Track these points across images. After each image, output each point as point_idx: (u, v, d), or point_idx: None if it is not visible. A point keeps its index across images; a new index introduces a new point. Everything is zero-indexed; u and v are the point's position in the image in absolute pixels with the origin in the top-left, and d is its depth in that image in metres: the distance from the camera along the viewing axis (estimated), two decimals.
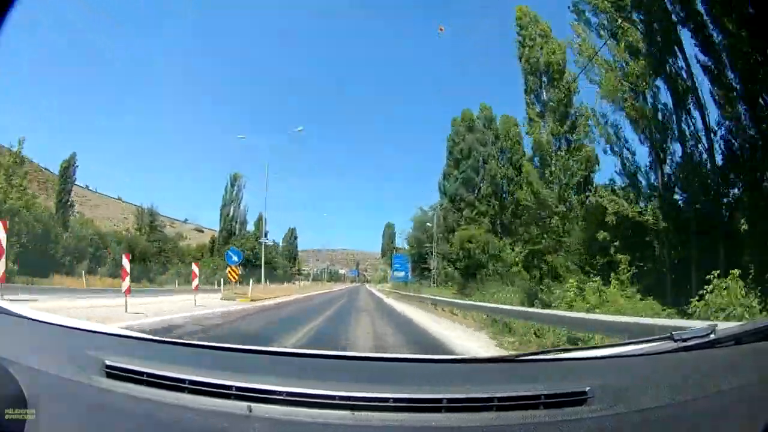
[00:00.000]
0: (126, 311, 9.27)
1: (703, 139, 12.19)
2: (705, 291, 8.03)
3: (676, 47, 12.18)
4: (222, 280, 22.60)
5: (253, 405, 1.25)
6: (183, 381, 1.34)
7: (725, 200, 11.85)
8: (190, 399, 1.30)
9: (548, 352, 1.68)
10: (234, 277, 19.57)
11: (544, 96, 18.33)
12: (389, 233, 59.40)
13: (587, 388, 1.28)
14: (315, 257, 66.94)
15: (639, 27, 12.76)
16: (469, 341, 8.17)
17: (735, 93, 11.00)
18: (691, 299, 8.40)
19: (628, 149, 14.04)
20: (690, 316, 7.87)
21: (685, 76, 12.34)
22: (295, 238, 55.31)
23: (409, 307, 19.37)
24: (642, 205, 12.98)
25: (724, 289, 7.69)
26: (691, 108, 12.40)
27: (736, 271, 7.90)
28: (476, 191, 30.12)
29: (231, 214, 44.26)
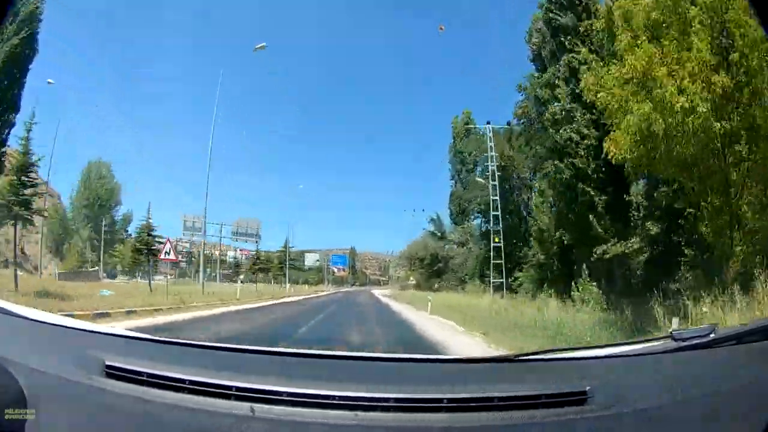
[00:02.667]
0: None
1: None
2: None
3: None
4: None
5: (252, 405, 1.25)
6: (183, 381, 1.34)
7: None
8: (190, 399, 1.30)
9: (548, 351, 1.68)
10: None
11: None
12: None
13: (587, 388, 1.28)
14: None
15: None
16: None
17: None
18: None
19: None
20: None
21: None
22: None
23: None
24: None
25: None
26: None
27: None
28: None
29: None
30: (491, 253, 23.79)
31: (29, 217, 16.36)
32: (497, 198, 24.59)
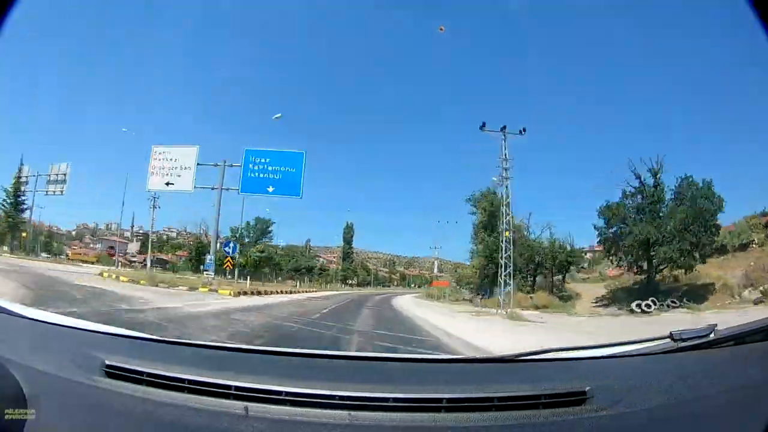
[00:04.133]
0: None
1: None
2: None
3: None
4: None
5: (252, 405, 1.25)
6: (183, 381, 1.34)
7: None
8: (190, 399, 1.30)
9: (548, 351, 1.68)
10: None
11: None
12: None
13: (587, 388, 1.28)
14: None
15: None
16: None
17: None
18: None
19: None
20: None
21: None
22: None
23: None
24: None
25: None
26: None
27: None
28: None
29: None
30: None
31: None
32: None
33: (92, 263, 25.44)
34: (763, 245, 15.99)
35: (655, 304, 14.81)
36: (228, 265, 20.99)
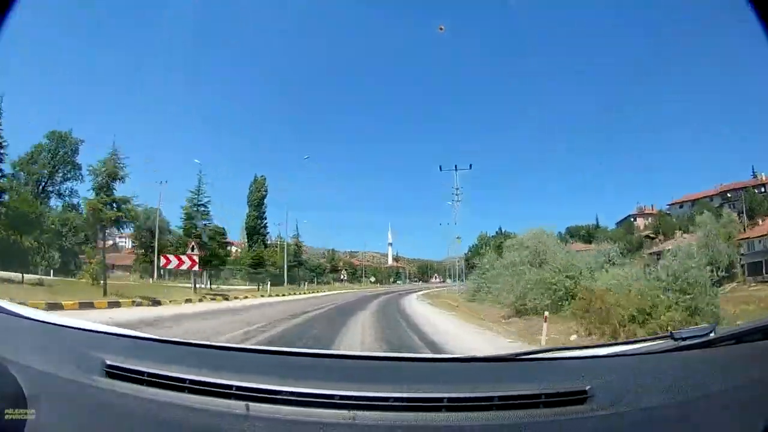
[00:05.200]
0: None
1: None
2: None
3: None
4: None
5: (253, 404, 1.25)
6: (183, 381, 1.35)
7: None
8: (191, 399, 1.30)
9: (548, 351, 1.68)
10: None
11: None
12: None
13: (587, 387, 1.28)
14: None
15: None
16: None
17: None
18: None
19: None
20: None
21: None
22: None
23: None
24: None
25: None
26: None
27: None
28: None
29: None
30: None
31: None
32: None
33: None
34: None
35: None
36: None
